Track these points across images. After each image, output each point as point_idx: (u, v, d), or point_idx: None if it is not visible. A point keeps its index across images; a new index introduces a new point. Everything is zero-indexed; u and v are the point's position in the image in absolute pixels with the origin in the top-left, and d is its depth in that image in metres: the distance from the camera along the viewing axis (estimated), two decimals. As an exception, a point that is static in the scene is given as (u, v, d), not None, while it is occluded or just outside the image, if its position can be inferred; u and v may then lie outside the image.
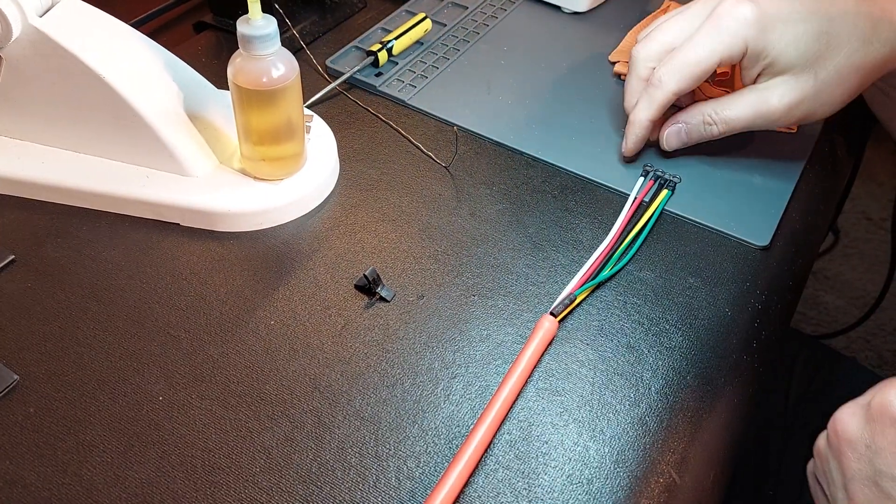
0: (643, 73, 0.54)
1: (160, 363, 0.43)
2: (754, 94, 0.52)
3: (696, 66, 0.51)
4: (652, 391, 0.44)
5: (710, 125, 0.54)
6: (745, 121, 0.53)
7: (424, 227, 0.52)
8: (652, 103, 0.53)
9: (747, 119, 0.53)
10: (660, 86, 0.52)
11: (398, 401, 0.42)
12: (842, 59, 0.50)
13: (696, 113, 0.54)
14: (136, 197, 0.50)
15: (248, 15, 0.45)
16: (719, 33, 0.50)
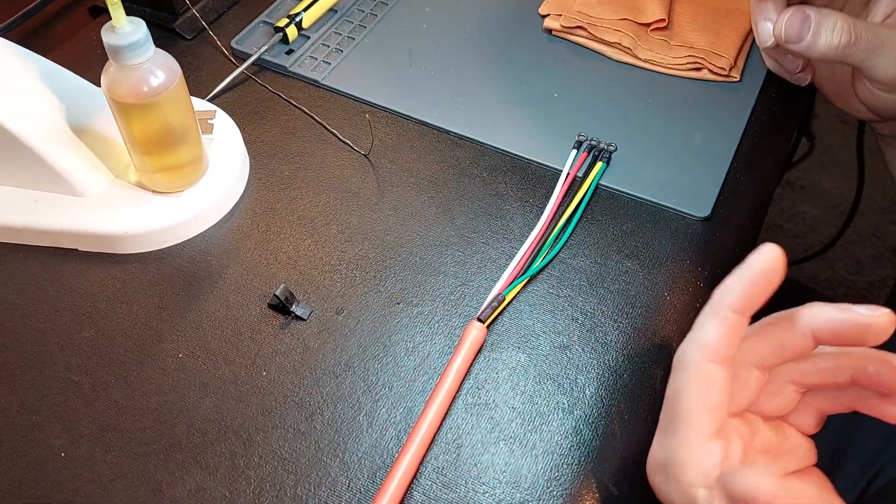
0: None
1: (61, 415, 0.40)
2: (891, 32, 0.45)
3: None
4: (586, 395, 0.41)
5: (843, 33, 0.45)
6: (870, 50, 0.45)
7: (343, 228, 0.48)
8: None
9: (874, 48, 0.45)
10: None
11: (318, 433, 0.40)
12: None
13: (829, 12, 0.45)
14: (26, 225, 0.46)
15: (112, 22, 0.40)
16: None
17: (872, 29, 0.45)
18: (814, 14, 0.45)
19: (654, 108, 0.55)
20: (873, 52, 0.45)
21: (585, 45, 0.59)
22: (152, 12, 0.60)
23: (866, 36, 0.45)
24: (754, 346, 0.37)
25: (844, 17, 0.45)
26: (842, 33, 0.45)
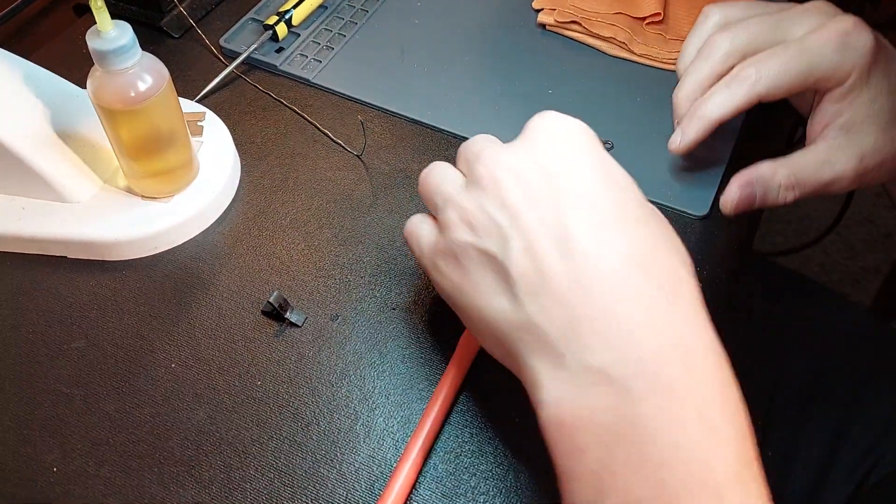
0: (720, 69, 0.46)
1: (52, 428, 0.39)
2: (833, 152, 0.45)
3: (798, 74, 0.43)
4: (587, 401, 0.41)
5: (789, 190, 0.45)
6: (821, 184, 0.45)
7: (337, 232, 0.48)
8: (733, 100, 0.44)
9: (824, 182, 0.45)
10: (751, 83, 0.44)
11: (314, 444, 0.39)
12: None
13: (771, 174, 0.45)
14: (13, 233, 0.45)
15: (97, 26, 0.39)
16: (834, 48, 0.43)
17: (814, 162, 0.45)
18: (756, 187, 0.45)
19: (650, 104, 0.54)
20: (820, 182, 0.45)
21: (580, 39, 0.58)
22: (138, 10, 0.59)
23: (811, 178, 0.45)
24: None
25: (783, 174, 0.45)
26: (788, 192, 0.45)
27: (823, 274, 1.55)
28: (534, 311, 0.32)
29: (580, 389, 0.30)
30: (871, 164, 0.45)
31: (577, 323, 0.31)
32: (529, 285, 0.32)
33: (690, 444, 0.29)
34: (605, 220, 0.32)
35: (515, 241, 0.33)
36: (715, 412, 0.29)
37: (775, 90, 0.44)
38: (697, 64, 0.47)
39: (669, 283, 0.31)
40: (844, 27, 0.43)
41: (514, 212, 0.33)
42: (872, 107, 0.44)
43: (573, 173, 0.33)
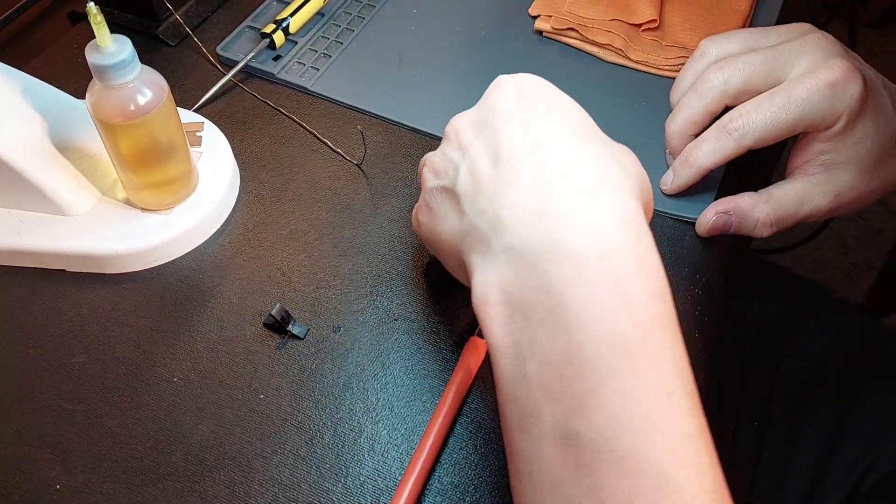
0: (714, 107, 0.48)
1: (54, 444, 0.39)
2: (811, 188, 0.47)
3: (784, 126, 0.45)
4: (589, 411, 0.41)
5: (768, 226, 0.48)
6: (798, 219, 0.48)
7: (338, 242, 0.48)
8: (720, 152, 0.47)
9: (800, 217, 0.48)
10: (739, 137, 0.46)
11: (318, 458, 0.39)
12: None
13: (751, 208, 0.47)
14: (11, 246, 0.45)
15: (96, 40, 0.39)
16: (821, 98, 0.44)
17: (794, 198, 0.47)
18: (734, 218, 0.48)
19: (647, 110, 0.54)
20: (797, 217, 0.48)
21: (577, 46, 0.58)
22: (134, 18, 0.59)
23: (789, 214, 0.47)
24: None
25: (763, 211, 0.47)
26: (766, 228, 0.48)
27: (816, 270, 1.56)
28: (472, 213, 0.35)
29: (501, 267, 0.33)
30: (846, 200, 0.47)
31: (500, 214, 0.33)
32: (469, 196, 0.36)
33: (599, 307, 0.30)
34: (540, 135, 0.35)
35: (462, 167, 0.37)
36: (627, 277, 0.31)
37: (762, 141, 0.46)
38: (691, 100, 0.48)
39: (595, 177, 0.33)
40: (834, 77, 0.44)
41: (465, 147, 0.37)
42: (855, 149, 0.46)
43: (516, 106, 0.36)
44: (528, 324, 0.31)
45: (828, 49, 0.46)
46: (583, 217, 0.32)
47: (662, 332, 0.30)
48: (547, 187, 0.33)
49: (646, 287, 0.31)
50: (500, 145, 0.35)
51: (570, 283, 0.30)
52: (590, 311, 0.30)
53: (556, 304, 0.30)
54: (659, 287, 0.31)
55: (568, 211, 0.32)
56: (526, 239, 0.32)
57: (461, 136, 0.38)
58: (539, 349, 0.31)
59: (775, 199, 0.47)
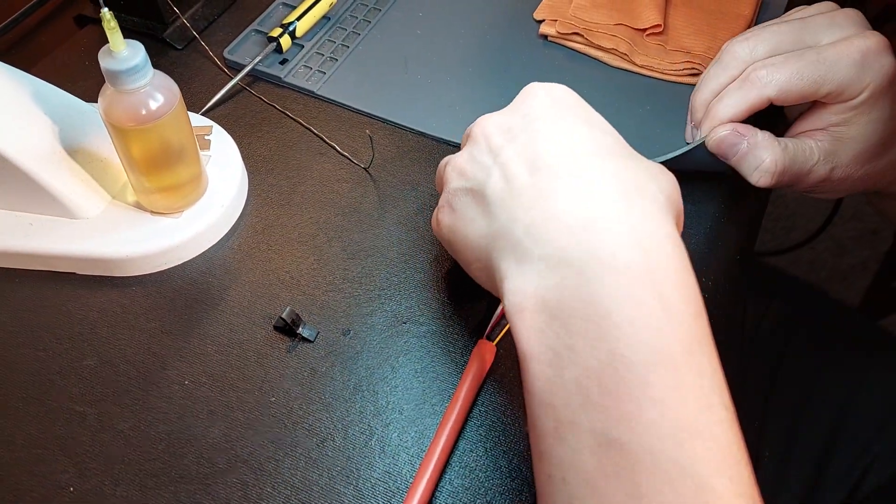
0: (735, 71, 0.47)
1: (66, 447, 0.39)
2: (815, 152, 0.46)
3: (809, 83, 0.44)
4: (598, 414, 0.41)
5: (770, 174, 0.46)
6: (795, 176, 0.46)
7: (346, 245, 0.48)
8: (743, 102, 0.46)
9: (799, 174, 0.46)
10: (761, 86, 0.45)
11: (329, 460, 0.39)
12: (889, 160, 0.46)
13: (765, 147, 0.46)
14: (21, 249, 0.45)
15: (109, 46, 0.39)
16: (852, 64, 0.43)
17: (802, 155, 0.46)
18: (745, 144, 0.46)
19: (651, 114, 0.55)
20: (794, 175, 0.46)
21: (582, 50, 0.59)
22: (141, 21, 0.59)
23: (791, 169, 0.46)
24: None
25: (775, 158, 0.45)
26: (768, 177, 0.46)
27: (812, 272, 1.57)
28: (504, 219, 0.35)
29: (539, 275, 0.33)
30: (836, 177, 0.46)
31: (539, 222, 0.34)
32: (501, 200, 0.36)
33: (645, 320, 0.30)
34: (576, 146, 0.35)
35: (495, 171, 0.37)
36: (670, 292, 0.31)
37: (785, 94, 0.44)
38: (716, 70, 0.48)
39: (632, 190, 0.34)
40: (868, 45, 0.43)
41: (496, 151, 0.37)
42: (866, 128, 0.45)
43: (551, 115, 0.37)
44: (567, 332, 0.31)
45: (859, 22, 0.45)
46: (629, 230, 0.32)
47: (702, 347, 0.31)
48: (589, 199, 0.33)
49: (687, 303, 0.31)
50: (537, 153, 0.35)
51: (615, 295, 0.31)
52: (635, 323, 0.30)
53: (601, 313, 0.31)
54: (698, 304, 0.32)
55: (614, 223, 0.32)
56: (569, 248, 0.32)
57: (491, 139, 0.38)
58: (579, 357, 0.31)
59: (790, 150, 0.46)
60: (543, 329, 0.32)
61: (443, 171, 0.41)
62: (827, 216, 1.00)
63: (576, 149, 0.35)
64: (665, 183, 0.35)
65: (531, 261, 0.33)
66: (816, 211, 1.65)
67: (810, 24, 0.46)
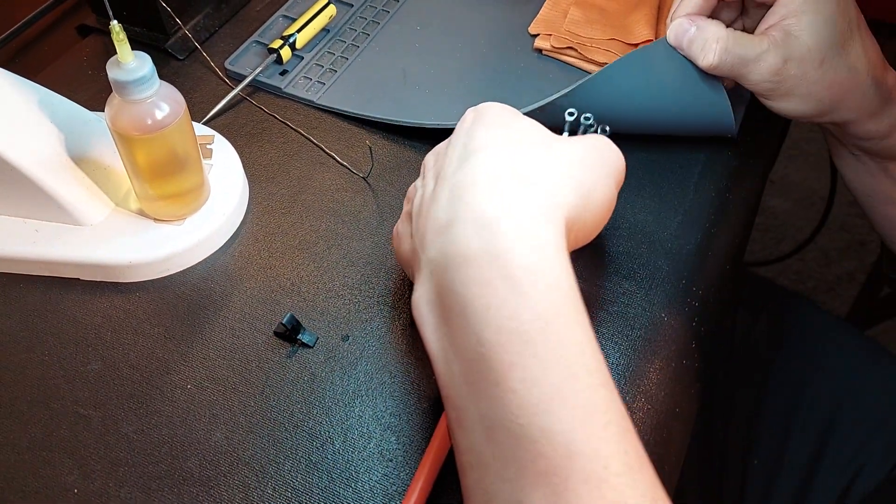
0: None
1: (71, 450, 0.40)
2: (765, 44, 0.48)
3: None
4: (591, 419, 0.42)
5: (714, 45, 0.48)
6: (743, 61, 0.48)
7: (346, 252, 0.49)
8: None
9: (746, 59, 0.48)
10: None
11: (329, 464, 0.40)
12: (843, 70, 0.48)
13: (709, 27, 0.48)
14: (27, 256, 0.46)
15: (118, 57, 0.40)
16: None
17: (746, 41, 0.48)
18: (693, 28, 0.49)
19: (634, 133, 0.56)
20: (739, 59, 0.48)
21: (575, 64, 0.60)
22: (143, 32, 0.60)
23: (734, 51, 0.48)
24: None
25: (718, 35, 0.48)
26: (711, 53, 0.48)
27: (800, 282, 1.59)
28: (415, 235, 0.39)
29: (427, 280, 0.36)
30: (793, 74, 0.48)
31: (428, 230, 0.37)
32: (414, 218, 0.40)
33: (498, 302, 0.33)
34: (471, 149, 0.38)
35: (418, 194, 0.40)
36: (518, 273, 0.33)
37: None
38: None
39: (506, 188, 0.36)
40: None
41: (424, 175, 0.41)
42: (815, 20, 0.47)
43: (467, 130, 0.40)
44: (448, 328, 0.35)
45: None
46: (479, 221, 0.35)
47: (560, 318, 0.33)
48: (458, 198, 0.36)
49: (539, 279, 0.33)
50: (441, 167, 0.39)
51: (470, 285, 0.34)
52: (490, 307, 0.33)
53: (463, 305, 0.34)
54: (553, 277, 0.34)
55: (469, 217, 0.35)
56: (437, 250, 0.36)
57: (425, 166, 0.42)
58: (458, 349, 0.34)
59: (735, 35, 0.48)
60: (435, 330, 0.36)
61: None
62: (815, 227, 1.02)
63: (471, 151, 0.38)
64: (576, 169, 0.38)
65: (422, 267, 0.37)
66: (805, 221, 1.67)
67: None
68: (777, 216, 1.68)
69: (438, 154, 0.42)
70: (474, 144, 0.38)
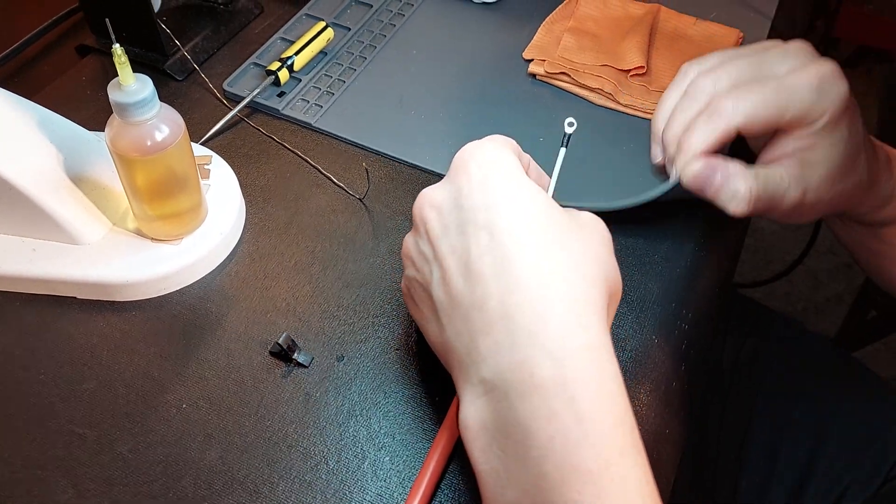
0: (702, 104, 0.47)
1: (66, 468, 0.40)
2: (786, 178, 0.47)
3: (774, 110, 0.45)
4: (583, 440, 0.43)
5: (746, 202, 0.46)
6: (769, 204, 0.47)
7: (341, 273, 0.49)
8: (712, 134, 0.46)
9: (772, 201, 0.47)
10: (727, 117, 0.45)
11: (323, 483, 0.40)
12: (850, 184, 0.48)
13: (739, 177, 0.46)
14: (23, 274, 0.46)
15: (119, 79, 0.41)
16: (812, 90, 0.44)
17: (775, 181, 0.47)
18: (719, 176, 0.46)
19: (634, 151, 0.57)
20: (770, 203, 0.47)
21: (569, 89, 0.61)
22: (142, 53, 0.61)
23: (765, 196, 0.47)
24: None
25: (748, 185, 0.46)
26: (743, 203, 0.46)
27: (788, 304, 1.60)
28: (450, 332, 0.37)
29: (478, 398, 0.35)
30: (808, 201, 0.48)
31: (474, 339, 0.35)
32: (445, 310, 0.37)
33: (562, 435, 0.32)
34: (502, 243, 0.36)
35: (436, 271, 0.38)
36: (588, 407, 0.33)
37: (752, 123, 0.46)
38: (684, 104, 0.49)
39: (555, 298, 0.34)
40: (824, 71, 0.45)
41: (433, 244, 0.38)
42: (831, 150, 0.47)
43: (477, 201, 0.37)
44: (503, 453, 0.34)
45: (811, 52, 0.47)
46: (547, 348, 0.33)
47: (624, 459, 0.33)
48: (514, 314, 0.34)
49: (606, 416, 0.33)
50: (469, 258, 0.36)
51: (535, 415, 0.33)
52: (554, 440, 0.32)
53: (525, 435, 0.33)
54: (619, 414, 0.33)
55: (536, 342, 0.34)
56: (498, 371, 0.34)
57: (428, 227, 0.39)
58: (513, 477, 0.33)
59: (762, 176, 0.47)
60: (485, 450, 0.35)
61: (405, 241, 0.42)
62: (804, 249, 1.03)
63: (506, 251, 0.35)
64: (591, 266, 0.36)
65: (472, 383, 0.36)
66: (793, 244, 1.69)
67: (766, 56, 0.48)
68: (766, 238, 1.69)
69: (444, 213, 0.38)
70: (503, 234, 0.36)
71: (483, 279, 0.35)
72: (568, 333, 0.34)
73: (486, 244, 0.36)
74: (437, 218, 0.38)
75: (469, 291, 0.36)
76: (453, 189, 0.38)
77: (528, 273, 0.35)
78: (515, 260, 0.35)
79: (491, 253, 0.36)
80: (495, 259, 0.35)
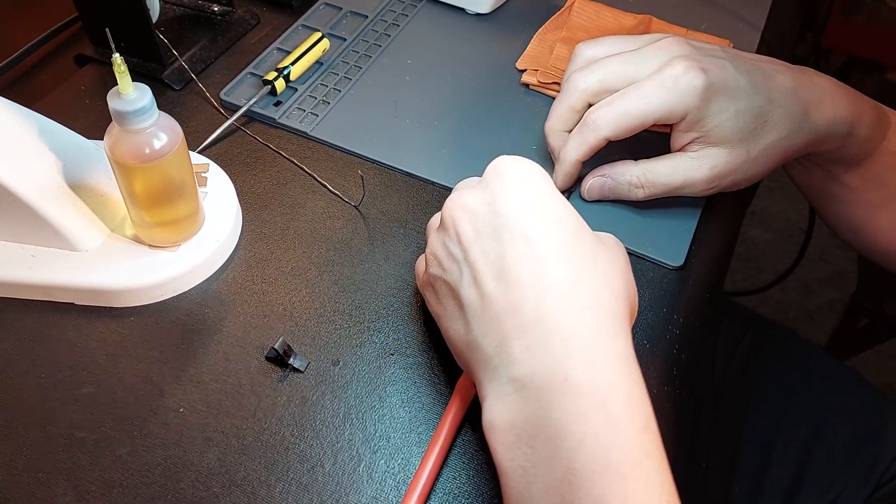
0: (577, 105, 0.52)
1: (66, 471, 0.41)
2: (686, 162, 0.51)
3: (634, 118, 0.49)
4: (575, 443, 0.44)
5: (638, 188, 0.52)
6: (672, 187, 0.51)
7: (337, 279, 0.50)
8: (583, 144, 0.51)
9: (675, 185, 0.51)
10: (595, 129, 0.50)
11: (319, 486, 0.41)
12: (773, 139, 0.50)
13: (624, 171, 0.52)
14: (22, 280, 0.47)
15: (118, 88, 0.42)
16: (666, 93, 0.48)
17: (668, 168, 0.51)
18: (608, 180, 0.53)
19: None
20: (670, 186, 0.52)
21: (561, 98, 0.62)
22: (140, 62, 0.61)
23: (660, 181, 0.52)
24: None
25: (631, 174, 0.52)
26: (637, 189, 0.52)
27: (780, 312, 1.61)
28: (477, 332, 0.38)
29: (507, 397, 0.36)
30: (723, 171, 0.50)
31: (506, 341, 0.37)
32: (474, 311, 0.38)
33: (594, 437, 0.34)
34: (538, 251, 0.37)
35: (466, 272, 0.39)
36: (617, 410, 0.34)
37: (618, 131, 0.50)
38: (559, 99, 0.53)
39: (587, 307, 0.36)
40: (674, 73, 0.48)
41: (465, 246, 0.39)
42: (720, 130, 0.49)
43: (514, 209, 0.39)
44: (531, 451, 0.35)
45: (673, 51, 0.50)
46: (581, 353, 0.35)
47: (649, 459, 0.34)
48: (549, 320, 0.36)
49: (633, 418, 0.35)
50: (504, 263, 0.37)
51: (567, 416, 0.34)
52: (585, 440, 0.34)
53: (557, 433, 0.34)
54: (645, 418, 0.35)
55: (569, 347, 0.35)
56: (531, 371, 0.36)
57: (460, 230, 0.40)
58: (541, 473, 0.35)
59: (649, 165, 0.52)
60: (512, 447, 0.36)
61: (427, 232, 0.44)
62: (795, 257, 1.04)
63: (541, 260, 0.37)
64: (617, 281, 0.39)
65: (500, 381, 0.37)
66: (785, 252, 1.70)
67: (639, 56, 0.51)
68: (758, 247, 1.70)
69: (478, 219, 0.39)
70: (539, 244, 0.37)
71: (519, 284, 0.37)
72: (599, 342, 0.36)
73: (523, 251, 0.37)
74: (469, 221, 0.40)
75: (502, 295, 0.37)
76: (488, 195, 0.40)
77: (562, 282, 0.37)
78: (551, 268, 0.37)
79: (527, 260, 0.37)
80: (532, 266, 0.37)
